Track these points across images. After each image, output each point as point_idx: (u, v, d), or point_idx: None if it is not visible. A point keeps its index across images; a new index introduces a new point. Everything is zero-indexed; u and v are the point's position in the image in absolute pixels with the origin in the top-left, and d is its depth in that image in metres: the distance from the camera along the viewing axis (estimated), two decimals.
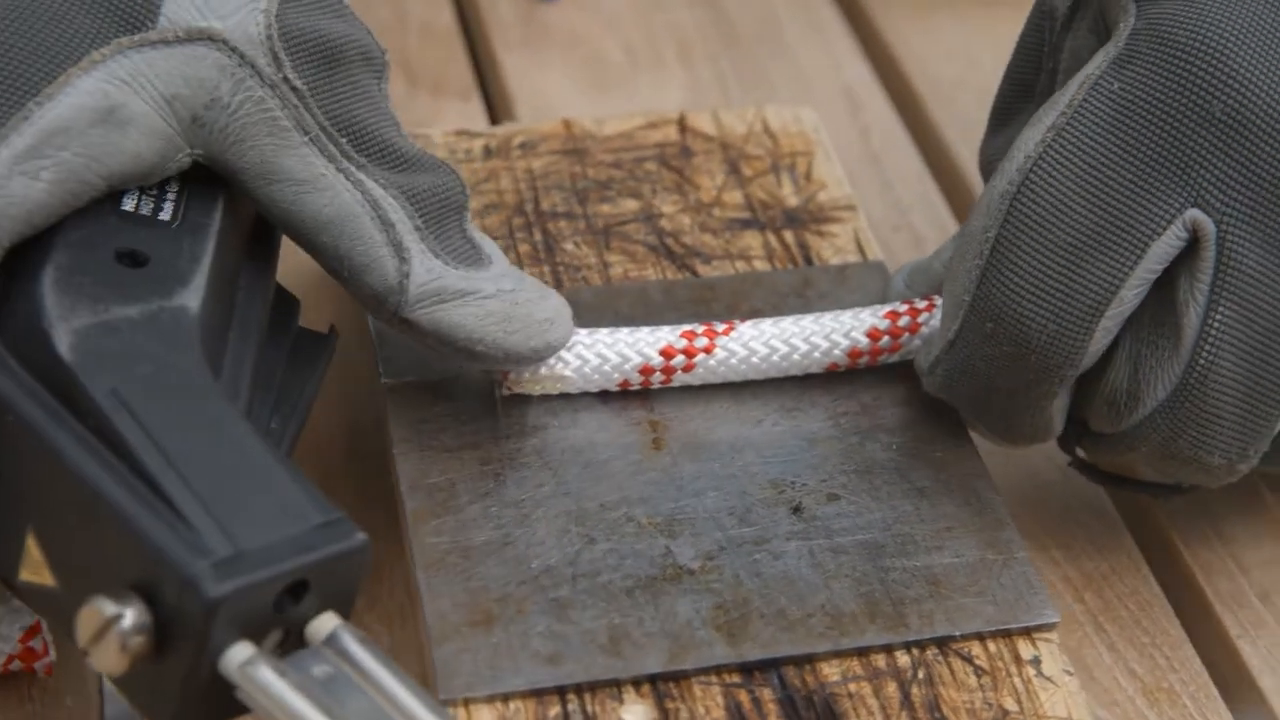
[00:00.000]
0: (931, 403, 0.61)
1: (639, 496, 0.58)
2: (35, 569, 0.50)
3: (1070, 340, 0.57)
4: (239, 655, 0.47)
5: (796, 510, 0.58)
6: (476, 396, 0.61)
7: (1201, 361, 0.56)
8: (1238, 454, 0.58)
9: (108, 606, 0.47)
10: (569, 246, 0.67)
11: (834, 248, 0.68)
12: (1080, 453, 0.62)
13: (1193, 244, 0.56)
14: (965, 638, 0.55)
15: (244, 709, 0.48)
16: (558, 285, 0.65)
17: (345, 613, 0.49)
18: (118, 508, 0.47)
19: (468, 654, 0.54)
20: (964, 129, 0.81)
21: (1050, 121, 0.57)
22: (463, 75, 0.83)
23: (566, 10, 0.87)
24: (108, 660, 0.47)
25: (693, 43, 0.86)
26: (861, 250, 0.67)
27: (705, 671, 0.54)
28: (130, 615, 0.47)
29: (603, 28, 0.86)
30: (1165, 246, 0.56)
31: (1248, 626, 0.62)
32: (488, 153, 0.71)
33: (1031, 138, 0.57)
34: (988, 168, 0.63)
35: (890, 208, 0.77)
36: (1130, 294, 0.56)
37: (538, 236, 0.67)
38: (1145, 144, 0.56)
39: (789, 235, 0.68)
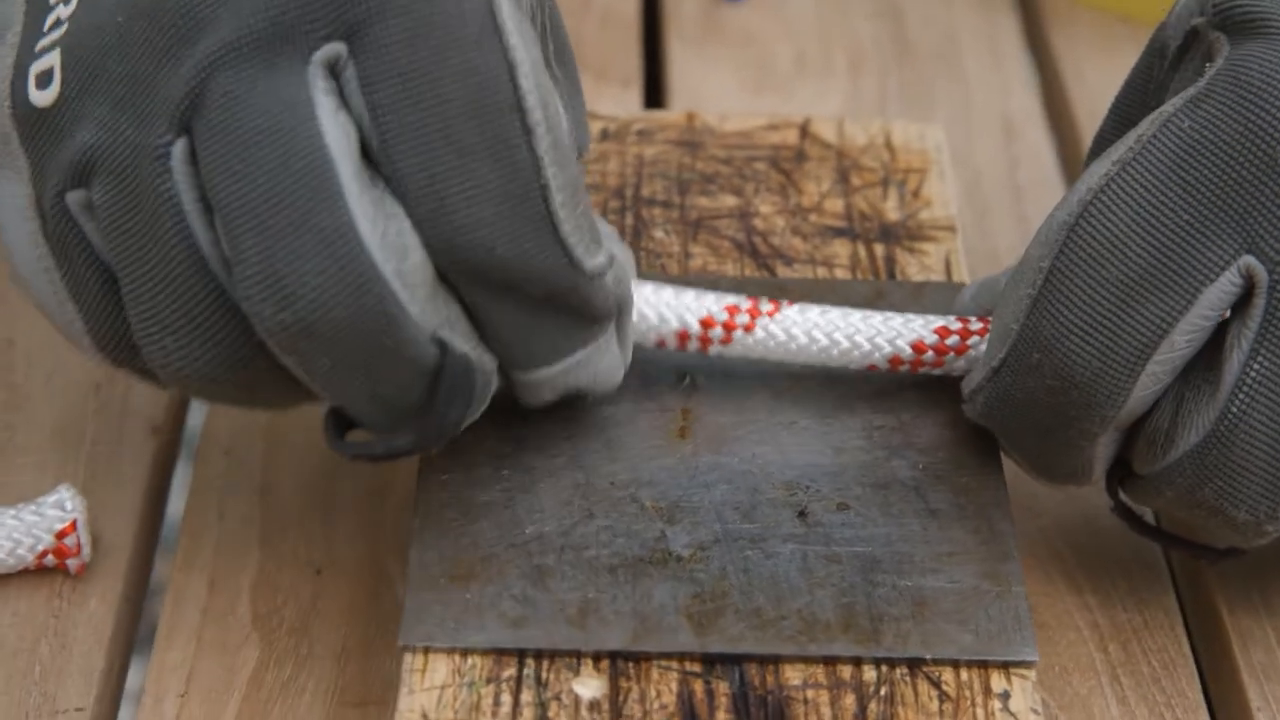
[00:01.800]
0: (971, 429, 0.61)
1: (649, 479, 0.59)
2: None
3: (1114, 379, 0.55)
4: None
5: (802, 514, 0.58)
6: None
7: (1234, 410, 0.55)
8: (1266, 513, 0.56)
9: None
10: (658, 234, 0.68)
11: (921, 265, 0.67)
12: (1124, 497, 0.60)
13: (1247, 291, 0.55)
14: (938, 662, 0.55)
15: None
16: (637, 268, 0.66)
17: None
18: None
19: (438, 605, 0.55)
20: None
21: (1118, 155, 0.56)
22: (629, 63, 0.84)
23: (749, 11, 0.88)
24: None
25: (866, 55, 0.85)
26: (949, 272, 0.67)
27: (668, 656, 0.54)
28: None
29: (779, 31, 0.87)
30: (1219, 293, 0.55)
31: (1271, 700, 0.60)
32: (605, 135, 0.72)
33: (1098, 170, 0.56)
34: None
35: (1020, 238, 0.76)
36: (1182, 339, 0.55)
37: (629, 220, 0.68)
38: (1206, 186, 0.54)
39: (879, 248, 0.68)
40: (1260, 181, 0.54)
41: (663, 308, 0.60)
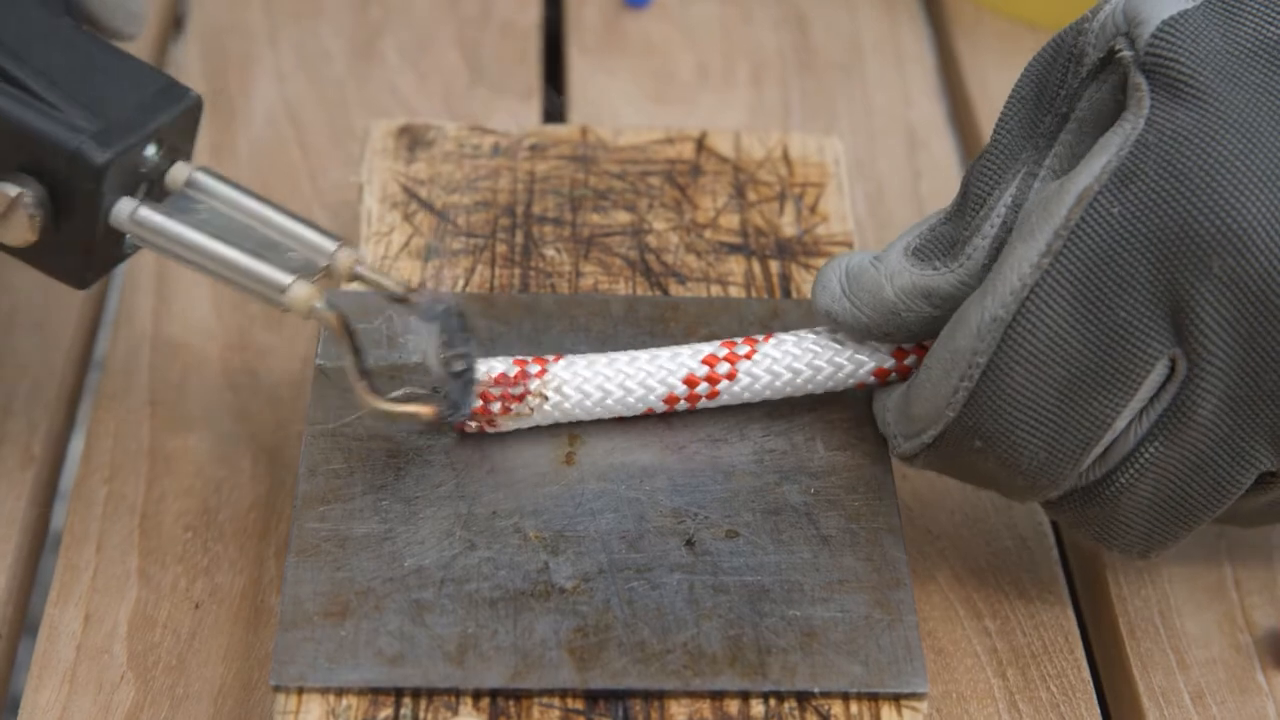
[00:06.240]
0: (864, 452, 0.59)
1: (534, 509, 0.57)
2: None
3: (1061, 467, 0.55)
4: (126, 208, 0.57)
5: (689, 543, 0.56)
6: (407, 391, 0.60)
7: (1121, 480, 0.56)
8: (1139, 553, 0.57)
9: (8, 188, 0.55)
10: (549, 252, 0.66)
11: None
12: None
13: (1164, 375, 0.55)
14: (827, 695, 0.53)
15: (127, 255, 0.59)
16: (524, 288, 0.65)
17: (189, 159, 0.59)
18: None
19: (311, 643, 0.53)
20: None
21: (1045, 243, 0.54)
22: (529, 75, 0.83)
23: (652, 20, 0.86)
24: (18, 233, 0.56)
25: (769, 65, 0.84)
26: None
27: (549, 693, 0.53)
28: (30, 192, 0.56)
29: (682, 41, 0.85)
30: (1154, 380, 0.54)
31: None
32: (496, 151, 0.70)
33: (1026, 257, 0.54)
34: (974, 190, 0.58)
35: None
36: (1122, 423, 0.55)
37: (519, 239, 0.67)
38: (1141, 280, 0.53)
39: (774, 265, 0.66)
40: (1191, 282, 0.53)
41: (644, 377, 0.59)
